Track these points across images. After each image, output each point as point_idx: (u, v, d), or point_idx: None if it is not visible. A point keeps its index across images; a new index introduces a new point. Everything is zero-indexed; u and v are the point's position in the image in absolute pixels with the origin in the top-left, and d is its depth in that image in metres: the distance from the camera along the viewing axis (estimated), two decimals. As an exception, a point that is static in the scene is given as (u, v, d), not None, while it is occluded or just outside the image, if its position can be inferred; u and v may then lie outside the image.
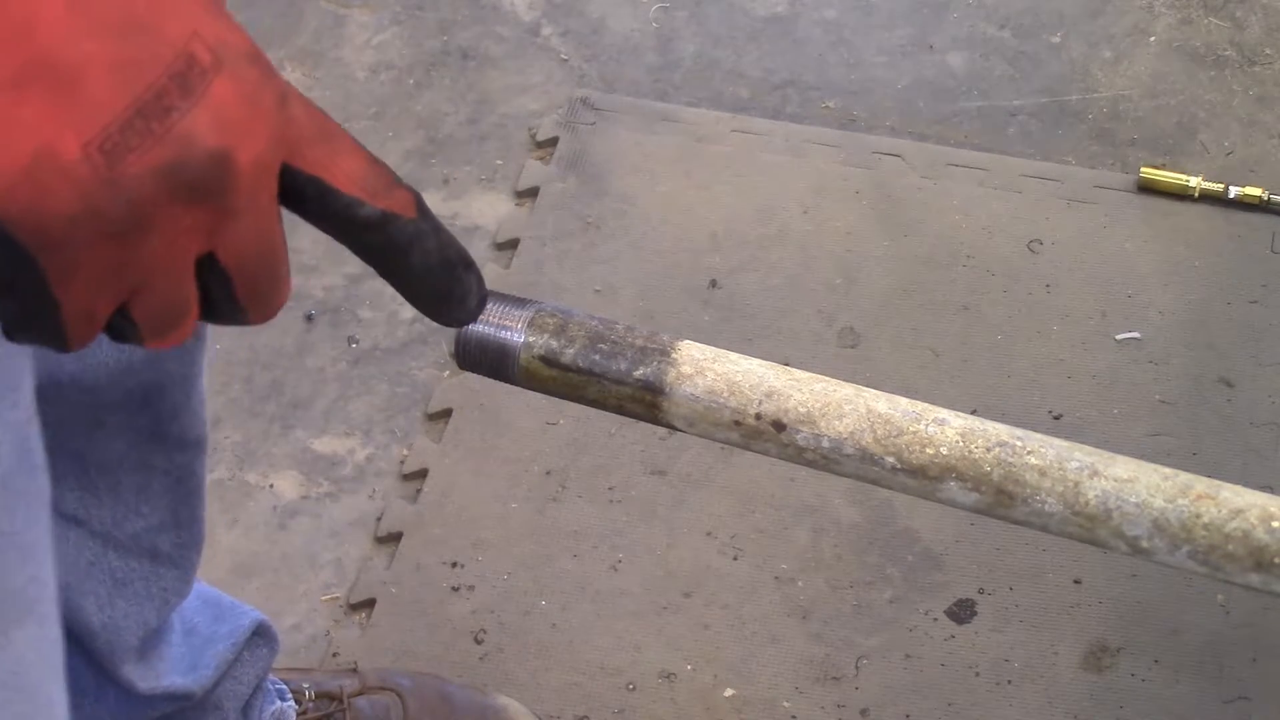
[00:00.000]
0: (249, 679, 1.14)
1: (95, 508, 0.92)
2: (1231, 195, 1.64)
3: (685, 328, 1.58)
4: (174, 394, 0.91)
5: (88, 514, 0.92)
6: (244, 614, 1.13)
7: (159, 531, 0.96)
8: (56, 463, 0.85)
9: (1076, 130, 1.76)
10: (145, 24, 0.43)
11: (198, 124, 0.44)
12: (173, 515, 0.97)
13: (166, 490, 0.95)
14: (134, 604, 0.97)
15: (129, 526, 0.94)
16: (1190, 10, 1.87)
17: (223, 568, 1.46)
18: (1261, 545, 0.47)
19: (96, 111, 0.42)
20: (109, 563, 0.94)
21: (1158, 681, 1.32)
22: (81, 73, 0.42)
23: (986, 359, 1.55)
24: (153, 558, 0.97)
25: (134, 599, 0.97)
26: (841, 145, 1.75)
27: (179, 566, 0.99)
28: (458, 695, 1.29)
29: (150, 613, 0.98)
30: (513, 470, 1.50)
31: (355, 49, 1.94)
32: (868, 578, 1.41)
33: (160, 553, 0.97)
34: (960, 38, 1.87)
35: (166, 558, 0.98)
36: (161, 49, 0.43)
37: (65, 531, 0.91)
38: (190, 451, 0.96)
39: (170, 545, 0.98)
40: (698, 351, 0.55)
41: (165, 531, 0.97)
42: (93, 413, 0.87)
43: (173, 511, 0.97)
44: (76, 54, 0.41)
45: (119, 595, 0.96)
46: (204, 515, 1.01)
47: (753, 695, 1.34)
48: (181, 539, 0.98)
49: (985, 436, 0.51)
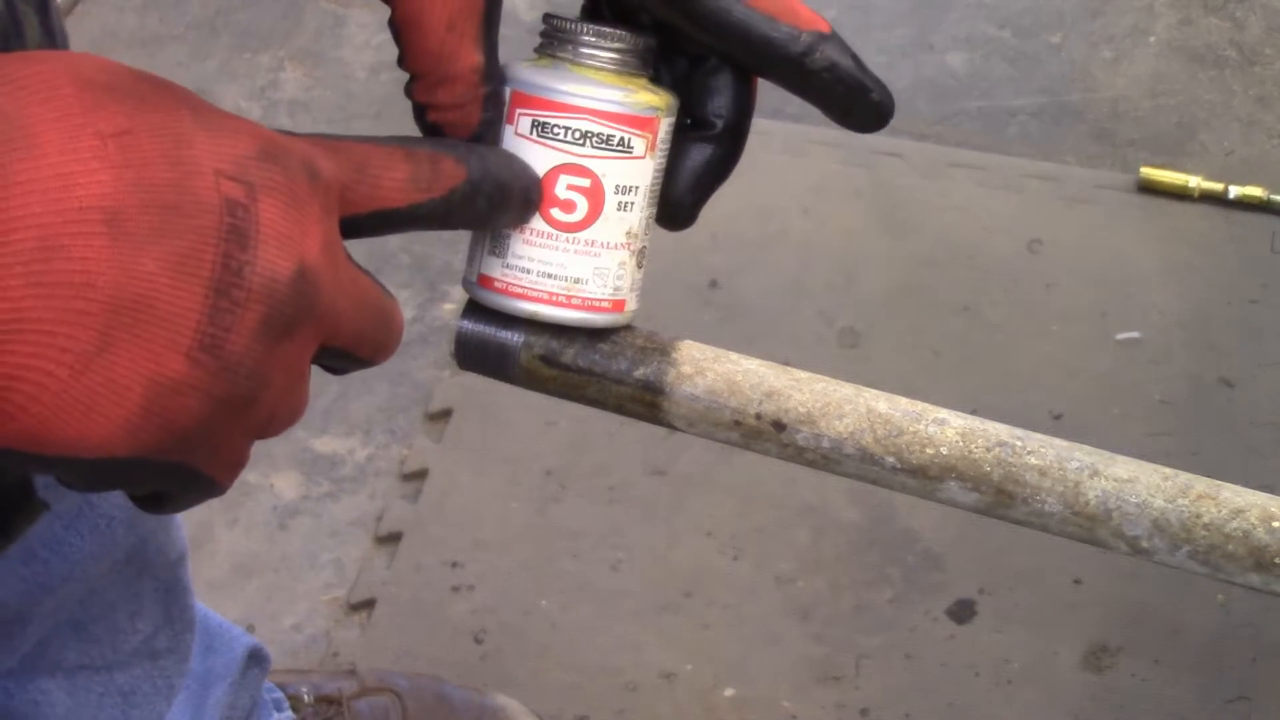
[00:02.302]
0: (244, 704, 1.14)
1: (94, 647, 0.93)
2: (1231, 195, 1.64)
3: (685, 328, 1.57)
4: (155, 538, 0.93)
5: (89, 657, 0.93)
6: (235, 642, 1.13)
7: (155, 635, 0.97)
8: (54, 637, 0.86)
9: (1076, 130, 1.76)
10: (176, 205, 0.41)
11: (268, 264, 0.43)
12: (165, 616, 0.97)
13: (157, 602, 0.96)
14: (146, 707, 0.98)
15: (126, 646, 0.95)
16: (1190, 10, 1.87)
17: (223, 568, 1.46)
18: (1261, 545, 0.47)
19: (181, 323, 0.41)
20: (115, 684, 0.95)
21: (1158, 681, 1.32)
22: (150, 299, 0.40)
23: (986, 359, 1.55)
24: (153, 657, 0.97)
25: (144, 702, 0.97)
26: (841, 145, 1.75)
27: (177, 651, 1.00)
28: (456, 696, 1.29)
29: (161, 704, 0.99)
30: (513, 470, 1.50)
31: (355, 49, 1.94)
32: (868, 578, 1.40)
33: (159, 650, 0.98)
34: (960, 38, 1.87)
35: (165, 651, 0.98)
36: (203, 221, 0.41)
37: (71, 681, 0.91)
38: (175, 566, 0.97)
39: (167, 640, 0.98)
40: (698, 351, 0.55)
41: (160, 632, 0.97)
42: (83, 591, 0.87)
43: (165, 613, 0.97)
44: (138, 286, 0.40)
45: (131, 707, 0.97)
46: (194, 599, 1.01)
47: (753, 695, 1.34)
48: (176, 629, 0.99)
49: (985, 436, 0.51)
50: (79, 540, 0.81)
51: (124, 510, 0.85)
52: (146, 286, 0.40)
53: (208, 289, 0.41)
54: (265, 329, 0.43)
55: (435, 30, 0.51)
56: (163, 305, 0.41)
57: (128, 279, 0.40)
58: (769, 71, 0.54)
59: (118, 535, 0.85)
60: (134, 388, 0.41)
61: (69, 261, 0.39)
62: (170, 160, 0.41)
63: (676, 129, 0.56)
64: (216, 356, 0.42)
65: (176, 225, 0.41)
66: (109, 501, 0.83)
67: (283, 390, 0.45)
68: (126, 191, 0.40)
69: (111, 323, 0.40)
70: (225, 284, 0.42)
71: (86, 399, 0.40)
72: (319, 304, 0.45)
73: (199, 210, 0.41)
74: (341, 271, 0.46)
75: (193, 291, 0.41)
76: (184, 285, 0.41)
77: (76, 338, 0.39)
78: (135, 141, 0.41)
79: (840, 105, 0.55)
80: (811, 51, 0.53)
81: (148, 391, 0.41)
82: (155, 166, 0.41)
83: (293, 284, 0.43)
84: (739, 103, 0.56)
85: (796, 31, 0.53)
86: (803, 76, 0.54)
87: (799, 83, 0.54)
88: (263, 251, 0.42)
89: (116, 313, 0.40)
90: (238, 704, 1.13)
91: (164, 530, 0.94)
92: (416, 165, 0.49)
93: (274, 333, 0.43)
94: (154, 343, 0.41)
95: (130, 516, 0.86)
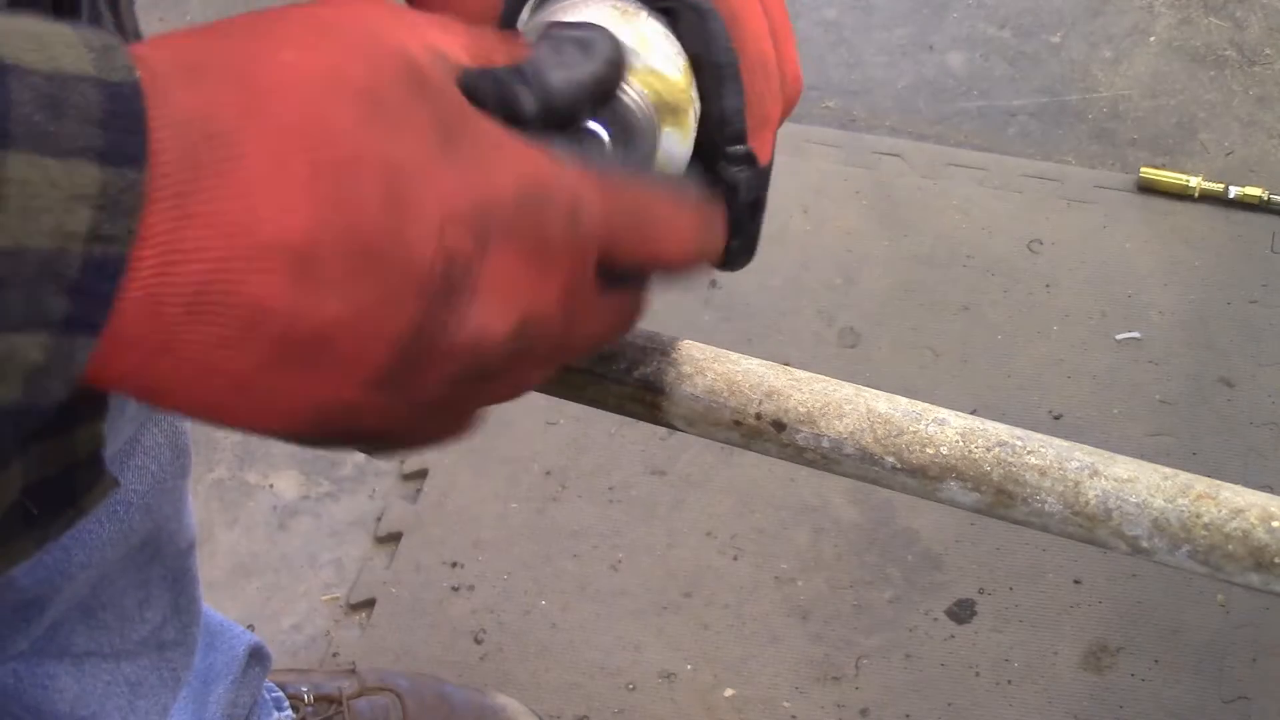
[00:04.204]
0: (245, 701, 1.15)
1: (103, 634, 0.93)
2: (1231, 195, 1.64)
3: (685, 328, 1.58)
4: (169, 525, 0.93)
5: (97, 644, 0.93)
6: (236, 639, 1.13)
7: (163, 626, 0.98)
8: (64, 621, 0.87)
9: (1076, 130, 1.76)
10: (380, 253, 0.36)
11: (481, 323, 0.38)
12: (173, 607, 0.98)
13: (165, 590, 0.97)
14: (152, 698, 0.98)
15: (135, 635, 0.95)
16: (1190, 10, 1.87)
17: (223, 568, 1.46)
18: (1261, 545, 0.47)
19: (358, 364, 0.37)
20: (123, 674, 0.96)
21: (1158, 681, 1.32)
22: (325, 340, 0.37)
23: (986, 359, 1.55)
24: (159, 649, 0.98)
25: (150, 693, 0.98)
26: (841, 145, 1.75)
27: (184, 644, 1.01)
28: (456, 695, 1.29)
29: (167, 696, 1.00)
30: (512, 470, 1.50)
31: (355, 49, 1.94)
32: (868, 578, 1.40)
33: (166, 641, 0.98)
34: (960, 38, 1.87)
35: (172, 643, 0.99)
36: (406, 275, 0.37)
37: (79, 667, 0.92)
38: (185, 555, 0.97)
39: (174, 631, 0.99)
40: (698, 351, 0.55)
41: (168, 623, 0.98)
42: (97, 575, 0.88)
43: (173, 604, 0.98)
44: (311, 325, 0.36)
45: (137, 697, 0.97)
46: (200, 591, 1.02)
47: (753, 695, 1.34)
48: (183, 621, 1.00)
49: (985, 436, 0.51)
50: (98, 526, 0.81)
51: (140, 495, 0.85)
52: (322, 329, 0.36)
53: (396, 343, 0.37)
54: (464, 376, 0.39)
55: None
56: (341, 348, 0.37)
57: (300, 317, 0.36)
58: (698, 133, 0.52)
59: (135, 521, 0.85)
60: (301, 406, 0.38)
61: (237, 296, 0.35)
62: (389, 203, 0.36)
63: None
64: (402, 393, 0.39)
65: (374, 275, 0.36)
66: (126, 487, 0.83)
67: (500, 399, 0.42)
68: (325, 232, 0.36)
69: (275, 354, 0.36)
70: (423, 339, 0.38)
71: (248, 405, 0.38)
72: (541, 347, 0.41)
73: (405, 264, 0.37)
74: (582, 310, 0.42)
75: (379, 340, 0.37)
76: (369, 333, 0.37)
77: (234, 361, 0.36)
78: (354, 175, 0.36)
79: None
80: (735, 161, 0.51)
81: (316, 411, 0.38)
82: (368, 208, 0.36)
83: (508, 341, 0.39)
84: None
85: (743, 135, 0.50)
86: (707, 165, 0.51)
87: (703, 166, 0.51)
88: (477, 309, 0.38)
89: (281, 345, 0.36)
90: (239, 702, 1.13)
91: (176, 517, 0.94)
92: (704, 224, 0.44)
93: (476, 379, 0.40)
94: (327, 376, 0.37)
95: (147, 502, 0.86)
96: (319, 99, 0.36)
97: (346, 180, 0.36)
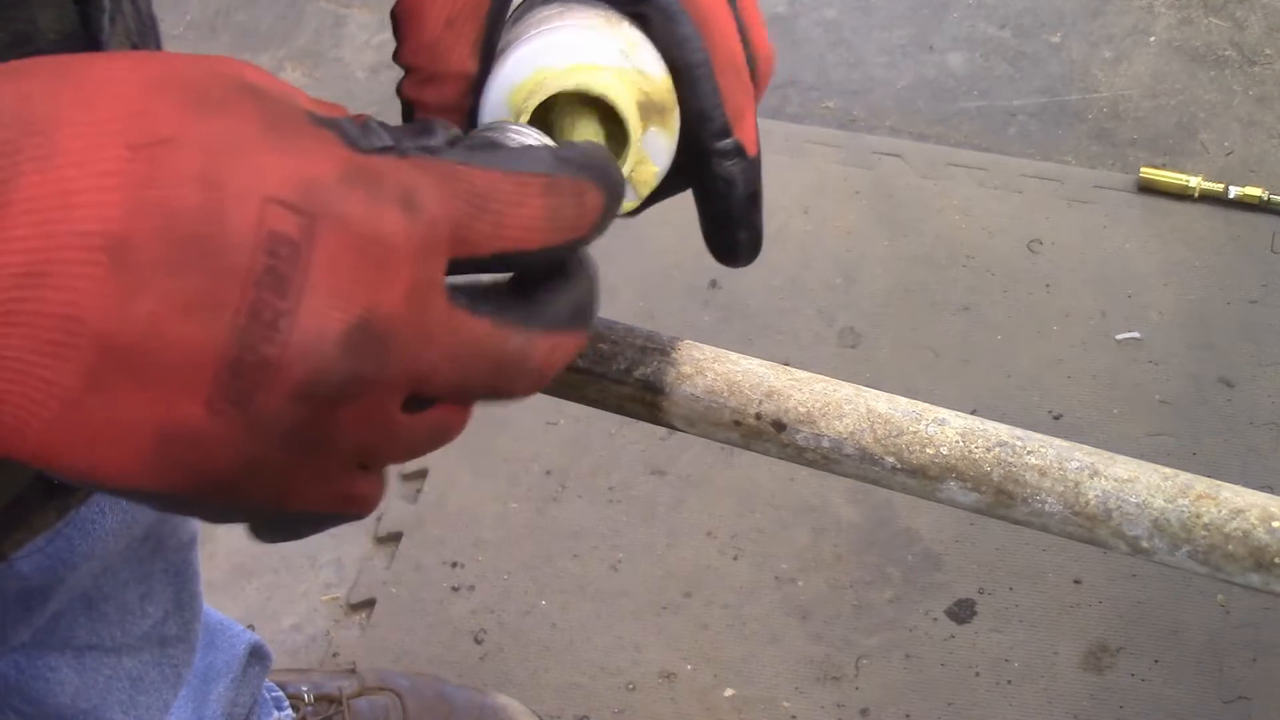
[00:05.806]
0: (245, 700, 1.15)
1: (105, 627, 0.93)
2: (1231, 195, 1.64)
3: (685, 328, 1.58)
4: (170, 517, 0.92)
5: (99, 637, 0.93)
6: (237, 639, 1.13)
7: (164, 621, 0.97)
8: (65, 612, 0.86)
9: (1076, 130, 1.76)
10: (200, 236, 0.35)
11: (313, 318, 0.36)
12: (175, 602, 0.98)
13: (167, 584, 0.96)
14: (153, 694, 0.98)
15: (136, 629, 0.95)
16: (1190, 10, 1.87)
17: (222, 568, 1.46)
18: (1261, 545, 0.47)
19: (193, 373, 0.35)
20: (124, 668, 0.96)
21: (1158, 681, 1.32)
22: (151, 343, 0.35)
23: (986, 359, 1.55)
24: (161, 644, 0.98)
25: (152, 689, 0.98)
26: (841, 145, 1.75)
27: (185, 641, 1.01)
28: (456, 695, 1.29)
29: (168, 692, 1.00)
30: (512, 470, 1.50)
31: (355, 49, 1.94)
32: (868, 578, 1.40)
33: (168, 637, 0.98)
34: (960, 38, 1.87)
35: (174, 639, 0.99)
36: (229, 258, 0.35)
37: (80, 660, 0.92)
38: (186, 549, 0.97)
39: (176, 627, 0.99)
40: (698, 351, 0.55)
41: (170, 618, 0.98)
42: (99, 566, 0.88)
43: (175, 599, 0.98)
44: (135, 326, 0.35)
45: (138, 693, 0.97)
46: (201, 588, 1.02)
47: (753, 695, 1.34)
48: (185, 617, 1.00)
49: (985, 436, 0.51)
50: (102, 517, 0.81)
51: None
52: (145, 328, 0.35)
53: (228, 339, 0.35)
54: (306, 391, 0.36)
55: (434, 23, 0.49)
56: (168, 351, 0.35)
57: (121, 317, 0.34)
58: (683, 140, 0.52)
59: (138, 512, 0.85)
60: (143, 431, 0.36)
61: (55, 291, 0.34)
62: (206, 180, 0.35)
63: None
64: (245, 414, 0.36)
65: (194, 260, 0.35)
66: None
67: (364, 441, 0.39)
68: (141, 216, 0.34)
69: (102, 361, 0.35)
70: (254, 336, 0.35)
71: (87, 434, 0.36)
72: (391, 363, 0.38)
73: (226, 245, 0.35)
74: (434, 319, 0.39)
75: (207, 340, 0.35)
76: (195, 332, 0.35)
77: (59, 370, 0.34)
78: (171, 155, 0.35)
79: (714, 219, 0.53)
80: (726, 156, 0.51)
81: (160, 437, 0.36)
82: (184, 187, 0.35)
83: (344, 343, 0.36)
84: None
85: (728, 128, 0.51)
86: (701, 167, 0.51)
87: (695, 170, 0.51)
88: (309, 301, 0.36)
89: (108, 351, 0.35)
90: (239, 700, 1.13)
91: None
92: (558, 200, 0.41)
93: (321, 397, 0.37)
94: (161, 389, 0.35)
95: None
96: (143, 92, 0.36)
97: (162, 160, 0.35)
